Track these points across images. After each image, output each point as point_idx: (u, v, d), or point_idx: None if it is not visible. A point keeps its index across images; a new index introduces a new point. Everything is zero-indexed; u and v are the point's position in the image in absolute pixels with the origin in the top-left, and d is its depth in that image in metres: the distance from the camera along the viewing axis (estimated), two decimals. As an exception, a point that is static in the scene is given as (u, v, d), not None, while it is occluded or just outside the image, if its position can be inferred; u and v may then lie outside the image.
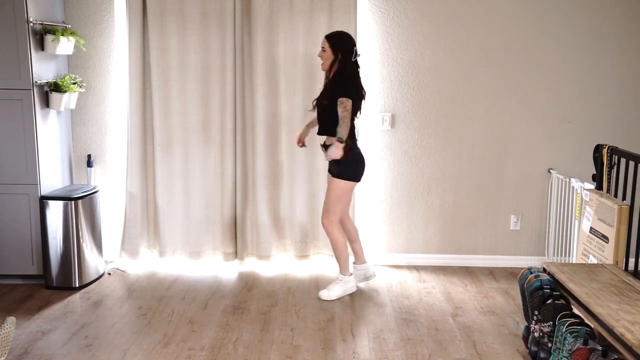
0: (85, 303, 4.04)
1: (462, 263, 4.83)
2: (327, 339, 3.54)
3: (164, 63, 4.52)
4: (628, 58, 4.59)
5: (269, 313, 3.89)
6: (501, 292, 4.30)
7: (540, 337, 3.16)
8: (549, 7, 4.54)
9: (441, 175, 4.74)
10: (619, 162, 3.69)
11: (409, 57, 4.60)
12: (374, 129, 4.68)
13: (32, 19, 4.07)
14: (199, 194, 4.67)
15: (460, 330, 3.67)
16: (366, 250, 4.82)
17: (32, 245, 4.27)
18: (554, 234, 4.59)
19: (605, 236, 3.57)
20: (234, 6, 4.45)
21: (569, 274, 3.22)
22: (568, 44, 4.58)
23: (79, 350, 3.36)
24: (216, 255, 4.75)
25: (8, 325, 2.92)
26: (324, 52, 3.96)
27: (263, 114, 4.55)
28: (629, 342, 2.47)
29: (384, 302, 4.09)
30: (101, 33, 4.57)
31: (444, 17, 4.56)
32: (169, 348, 3.40)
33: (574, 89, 4.64)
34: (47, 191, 4.29)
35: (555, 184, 4.59)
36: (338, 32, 4.04)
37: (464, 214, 4.78)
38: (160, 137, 4.59)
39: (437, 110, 4.66)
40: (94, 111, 4.66)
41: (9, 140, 4.16)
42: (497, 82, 4.63)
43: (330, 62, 3.95)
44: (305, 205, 4.70)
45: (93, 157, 4.70)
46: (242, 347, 3.41)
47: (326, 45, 3.94)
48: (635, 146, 4.40)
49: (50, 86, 4.22)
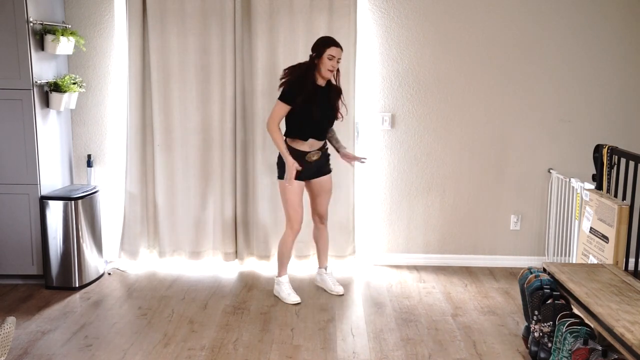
0: (85, 303, 4.04)
1: (462, 263, 4.83)
2: (327, 339, 3.54)
3: (164, 63, 4.52)
4: (628, 58, 4.59)
5: (269, 313, 3.89)
6: (501, 292, 4.30)
7: (540, 337, 3.16)
8: (549, 7, 4.54)
9: (441, 175, 4.74)
10: (619, 162, 3.69)
11: (409, 57, 4.60)
12: (374, 129, 4.68)
13: (32, 19, 4.07)
14: (199, 194, 4.67)
15: (460, 330, 3.67)
16: (366, 250, 4.83)
17: (32, 245, 4.27)
18: (554, 234, 4.59)
19: (605, 236, 3.57)
20: (234, 6, 4.44)
21: (569, 274, 3.22)
22: (568, 43, 4.58)
23: (79, 350, 3.36)
24: (216, 255, 4.75)
25: (8, 325, 2.92)
26: (339, 64, 3.91)
27: (263, 114, 4.55)
28: (629, 342, 2.47)
29: (384, 302, 4.09)
30: (101, 33, 4.57)
31: (444, 17, 4.56)
32: (169, 348, 3.40)
33: (574, 89, 4.64)
34: (47, 191, 4.29)
35: (555, 184, 4.59)
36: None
37: (464, 214, 4.78)
38: (160, 137, 4.59)
39: (437, 110, 4.66)
40: (94, 111, 4.66)
41: (9, 140, 4.16)
42: (497, 82, 4.63)
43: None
44: (306, 206, 4.68)
45: (93, 157, 4.70)
46: (242, 347, 3.41)
47: (341, 56, 3.91)
48: (635, 146, 4.41)
49: (50, 86, 4.22)
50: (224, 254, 4.72)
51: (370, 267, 4.76)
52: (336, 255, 4.72)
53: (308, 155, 3.95)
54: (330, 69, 3.85)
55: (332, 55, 3.83)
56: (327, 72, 3.86)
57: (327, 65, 3.83)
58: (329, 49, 3.83)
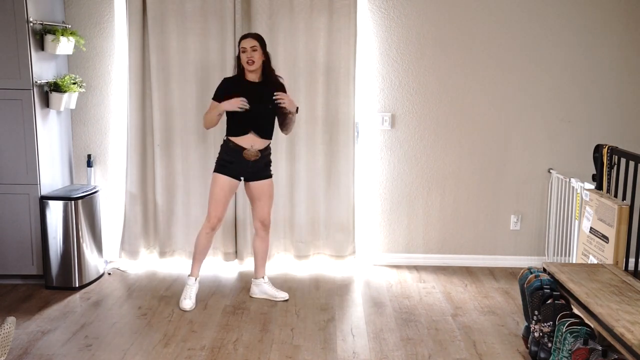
0: (85, 303, 4.04)
1: (462, 263, 4.83)
2: (327, 339, 3.54)
3: (164, 63, 4.52)
4: (628, 58, 4.59)
5: (269, 313, 3.89)
6: (501, 292, 4.30)
7: (540, 337, 3.16)
8: (549, 7, 4.54)
9: (441, 175, 4.74)
10: (619, 162, 3.69)
11: (409, 57, 4.60)
12: (374, 129, 4.68)
13: (32, 19, 4.07)
14: (198, 193, 4.66)
15: (460, 330, 3.67)
16: (366, 250, 4.83)
17: (32, 245, 4.27)
18: (554, 234, 4.59)
19: (605, 236, 3.57)
20: (234, 6, 4.44)
21: (569, 274, 3.22)
22: (568, 43, 4.58)
23: (79, 350, 3.36)
24: (216, 255, 4.75)
25: (8, 325, 2.92)
26: (255, 52, 3.78)
27: (263, 114, 4.55)
28: (629, 342, 2.47)
29: (384, 302, 4.09)
30: (101, 33, 4.57)
31: (444, 17, 4.56)
32: (169, 348, 3.40)
33: (574, 89, 4.64)
34: (47, 191, 4.29)
35: (555, 184, 4.59)
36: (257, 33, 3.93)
37: (464, 214, 4.78)
38: (160, 137, 4.59)
39: (437, 110, 4.66)
40: (94, 111, 4.66)
41: (9, 140, 4.16)
42: (497, 82, 4.63)
43: (261, 62, 3.83)
44: (305, 206, 4.69)
45: (93, 157, 4.70)
46: (242, 347, 3.41)
47: (255, 44, 3.79)
48: (635, 146, 4.40)
49: (50, 86, 4.22)
50: (224, 254, 4.72)
51: (370, 267, 4.76)
52: (336, 255, 4.72)
53: (246, 152, 3.86)
54: (247, 62, 3.78)
55: (244, 47, 3.80)
56: (246, 65, 3.80)
57: (243, 59, 3.81)
58: (240, 42, 3.83)
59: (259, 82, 3.90)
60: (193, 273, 4.05)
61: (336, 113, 4.58)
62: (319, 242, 4.75)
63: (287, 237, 4.75)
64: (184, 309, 3.91)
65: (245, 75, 3.88)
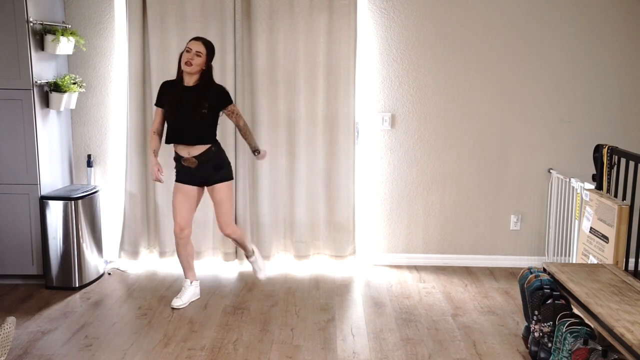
0: (85, 303, 4.04)
1: (462, 263, 4.83)
2: (327, 339, 3.54)
3: (164, 63, 4.52)
4: (628, 58, 4.59)
5: (269, 313, 3.89)
6: (501, 292, 4.30)
7: (540, 337, 3.16)
8: (550, 6, 4.54)
9: (441, 175, 4.74)
10: (619, 162, 3.69)
11: (409, 57, 4.60)
12: (374, 129, 4.68)
13: (32, 19, 4.07)
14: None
15: (460, 330, 3.67)
16: (366, 250, 4.83)
17: (32, 245, 4.27)
18: (554, 234, 4.59)
19: (605, 236, 3.57)
20: (234, 6, 4.44)
21: (569, 274, 3.22)
22: (568, 43, 4.58)
23: (79, 350, 3.36)
24: (216, 255, 4.75)
25: (8, 325, 2.92)
26: (199, 57, 3.70)
27: (262, 114, 4.55)
28: (629, 342, 2.47)
29: (384, 302, 4.09)
30: (101, 33, 4.57)
31: (444, 17, 4.56)
32: (169, 348, 3.40)
33: (574, 89, 4.64)
34: (47, 191, 4.29)
35: (555, 184, 4.59)
36: (210, 42, 3.83)
37: (464, 214, 4.78)
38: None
39: (437, 110, 4.66)
40: (94, 111, 4.66)
41: (9, 140, 4.16)
42: (497, 82, 4.63)
43: (200, 68, 3.74)
44: (305, 206, 4.69)
45: (93, 157, 4.70)
46: (242, 347, 3.41)
47: (202, 50, 3.71)
48: (635, 146, 4.41)
49: (50, 86, 4.22)
50: (224, 254, 4.72)
51: (370, 267, 4.76)
52: (336, 255, 4.72)
53: (184, 160, 3.82)
54: (185, 62, 3.69)
55: (189, 48, 3.71)
56: (184, 66, 3.70)
57: (184, 57, 3.72)
58: (189, 42, 3.75)
59: (194, 85, 3.80)
60: (186, 276, 4.08)
61: (336, 113, 4.58)
62: (319, 242, 4.75)
63: (287, 237, 4.75)
64: (171, 306, 3.93)
65: (183, 79, 3.80)
